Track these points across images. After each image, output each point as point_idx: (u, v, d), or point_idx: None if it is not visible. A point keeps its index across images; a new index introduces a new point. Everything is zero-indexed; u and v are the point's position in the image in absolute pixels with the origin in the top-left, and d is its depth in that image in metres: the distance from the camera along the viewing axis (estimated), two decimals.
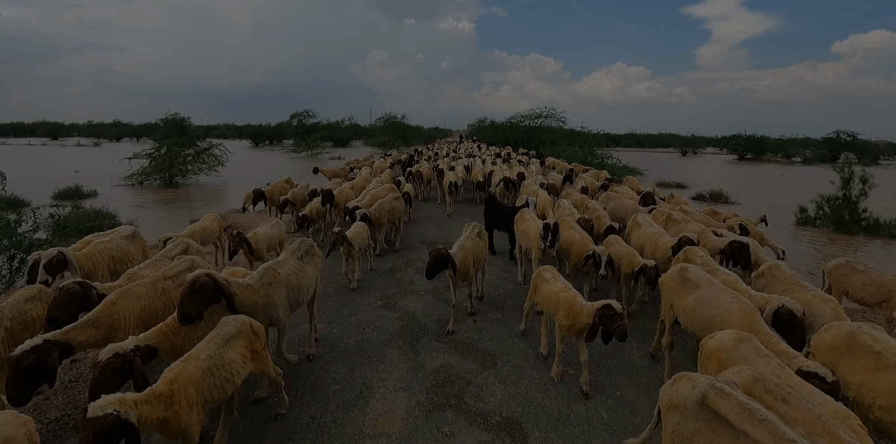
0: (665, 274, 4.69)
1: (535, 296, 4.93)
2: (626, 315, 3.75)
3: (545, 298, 4.66)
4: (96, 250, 5.22)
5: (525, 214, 7.23)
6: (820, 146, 55.42)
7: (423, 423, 3.86)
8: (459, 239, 5.79)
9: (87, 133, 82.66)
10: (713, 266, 4.96)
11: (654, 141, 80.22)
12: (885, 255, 11.80)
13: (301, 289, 4.37)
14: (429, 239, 10.00)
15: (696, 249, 5.44)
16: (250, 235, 6.58)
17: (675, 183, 24.60)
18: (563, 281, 4.66)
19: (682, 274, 4.42)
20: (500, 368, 4.76)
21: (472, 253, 5.69)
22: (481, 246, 6.02)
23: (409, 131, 54.16)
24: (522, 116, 38.54)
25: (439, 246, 5.10)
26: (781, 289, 4.62)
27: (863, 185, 14.40)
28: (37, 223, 8.96)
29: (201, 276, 3.39)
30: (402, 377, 4.54)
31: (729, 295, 3.93)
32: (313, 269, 4.80)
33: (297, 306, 4.38)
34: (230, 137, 72.76)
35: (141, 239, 5.94)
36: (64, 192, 18.18)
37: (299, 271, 4.43)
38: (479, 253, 5.87)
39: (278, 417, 3.88)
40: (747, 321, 3.63)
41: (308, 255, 4.78)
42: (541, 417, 3.97)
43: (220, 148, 26.47)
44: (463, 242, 5.70)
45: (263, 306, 3.80)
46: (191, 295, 3.31)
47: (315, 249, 4.90)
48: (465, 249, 5.59)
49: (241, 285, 3.68)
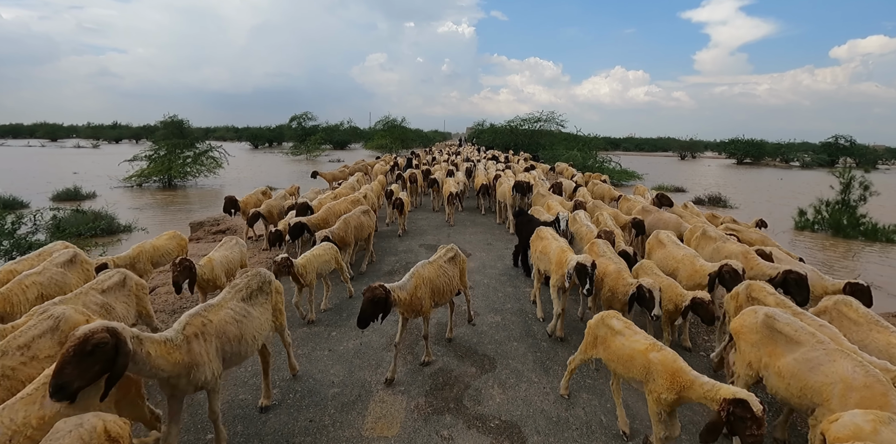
0: (741, 321, 3.71)
1: (601, 352, 3.77)
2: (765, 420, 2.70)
3: (622, 358, 3.49)
4: (19, 287, 4.11)
5: (543, 232, 6.26)
6: (818, 151, 55.64)
7: (422, 426, 3.86)
8: (419, 263, 4.78)
9: (86, 135, 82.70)
10: (795, 309, 3.98)
11: (653, 145, 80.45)
12: (884, 261, 11.82)
13: (243, 340, 3.42)
14: (428, 243, 10.00)
15: (762, 284, 4.47)
16: (203, 261, 5.46)
17: (673, 187, 24.67)
18: (645, 334, 3.56)
19: (770, 325, 3.48)
20: (499, 371, 4.75)
21: (432, 283, 4.62)
22: (450, 274, 4.94)
23: (408, 134, 54.31)
24: (522, 120, 38.68)
25: (375, 284, 4.07)
26: (857, 332, 3.84)
27: (863, 190, 14.47)
28: (36, 225, 8.95)
29: (98, 330, 2.42)
30: (401, 381, 4.54)
31: (847, 360, 3.09)
32: (266, 310, 3.83)
33: (238, 360, 3.47)
34: (229, 139, 72.91)
35: (83, 263, 4.87)
36: (63, 193, 18.19)
37: (243, 317, 3.49)
38: (444, 282, 4.78)
39: None
40: (878, 398, 2.84)
41: (260, 293, 3.81)
42: (539, 421, 3.96)
43: (219, 150, 26.52)
44: (421, 268, 4.65)
45: (186, 366, 2.92)
46: (77, 358, 2.35)
47: (271, 283, 3.95)
48: (421, 277, 4.53)
49: (156, 341, 2.76)
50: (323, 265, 5.99)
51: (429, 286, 4.56)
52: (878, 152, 59.68)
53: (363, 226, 7.86)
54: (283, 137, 66.35)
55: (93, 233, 10.51)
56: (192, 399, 4.05)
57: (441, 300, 4.80)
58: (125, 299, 4.15)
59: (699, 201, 19.99)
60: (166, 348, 2.82)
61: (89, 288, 3.89)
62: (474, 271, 7.94)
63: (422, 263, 4.76)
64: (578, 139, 33.14)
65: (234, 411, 3.96)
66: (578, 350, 4.05)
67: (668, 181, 26.86)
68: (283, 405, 4.09)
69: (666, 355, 3.25)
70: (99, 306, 3.79)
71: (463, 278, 5.38)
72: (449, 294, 4.91)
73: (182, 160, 24.70)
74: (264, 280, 3.88)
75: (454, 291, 5.05)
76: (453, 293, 5.04)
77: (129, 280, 4.27)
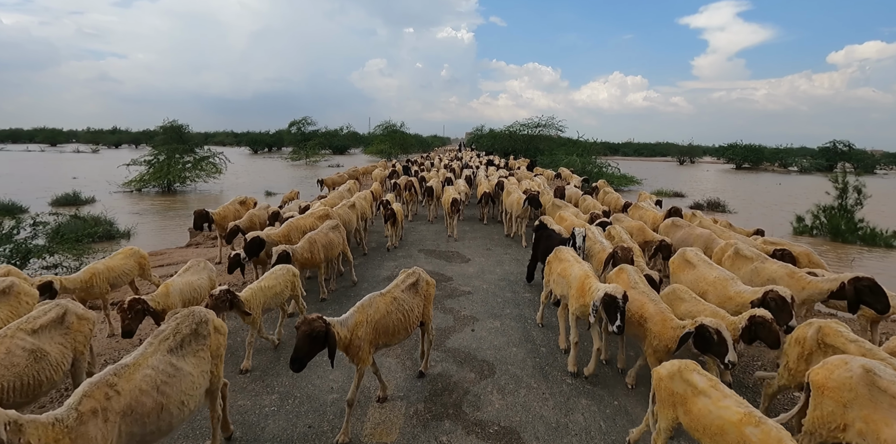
0: (827, 374, 2.95)
1: (679, 415, 2.98)
2: None
3: (709, 429, 2.75)
4: None
5: (564, 253, 5.49)
6: (816, 156, 55.81)
7: (421, 432, 3.85)
8: (369, 295, 4.00)
9: (85, 139, 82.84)
10: (877, 354, 3.27)
11: (651, 150, 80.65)
12: (884, 266, 11.84)
13: (166, 411, 2.68)
14: (427, 248, 10.00)
15: (838, 328, 3.53)
16: (158, 292, 4.55)
17: (672, 192, 24.74)
18: (737, 397, 2.82)
19: (871, 383, 2.73)
20: (499, 377, 4.75)
21: (380, 322, 3.84)
22: (408, 307, 4.14)
23: (407, 139, 54.45)
24: (522, 125, 38.79)
25: (313, 315, 3.39)
26: None
27: (857, 194, 14.52)
28: (35, 230, 8.95)
29: None
30: (400, 386, 4.53)
31: None
32: (203, 360, 3.08)
33: (158, 437, 2.70)
34: (229, 144, 73.08)
35: (20, 295, 4.13)
36: (62, 198, 18.22)
37: (169, 377, 2.76)
38: (398, 319, 4.00)
39: None
40: None
41: (195, 338, 3.06)
42: (539, 426, 3.96)
43: (219, 156, 26.58)
44: (369, 301, 3.90)
45: None
46: None
47: (209, 324, 3.18)
48: (366, 312, 3.78)
49: (41, 425, 2.12)
50: (274, 298, 4.95)
51: (374, 326, 3.77)
52: (875, 157, 59.86)
53: (332, 244, 6.88)
54: (283, 143, 66.57)
55: (91, 239, 10.50)
56: None
57: (392, 341, 4.04)
58: (62, 340, 3.43)
59: (698, 206, 20.04)
60: (54, 434, 2.14)
61: (17, 328, 3.21)
62: (473, 277, 7.94)
63: (372, 295, 3.98)
64: (577, 144, 33.22)
65: (232, 416, 3.95)
66: (655, 413, 3.23)
67: (666, 186, 26.94)
68: (281, 411, 4.09)
69: (769, 433, 2.51)
70: (27, 352, 3.13)
71: (427, 310, 4.50)
72: (405, 332, 4.13)
73: (181, 165, 24.76)
74: (199, 321, 3.12)
75: (413, 326, 4.25)
76: (412, 330, 4.26)
77: (70, 315, 3.53)
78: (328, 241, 6.81)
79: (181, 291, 4.74)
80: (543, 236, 7.11)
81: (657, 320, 4.12)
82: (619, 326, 3.98)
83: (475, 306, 6.60)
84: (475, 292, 7.18)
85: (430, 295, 4.54)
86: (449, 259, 9.06)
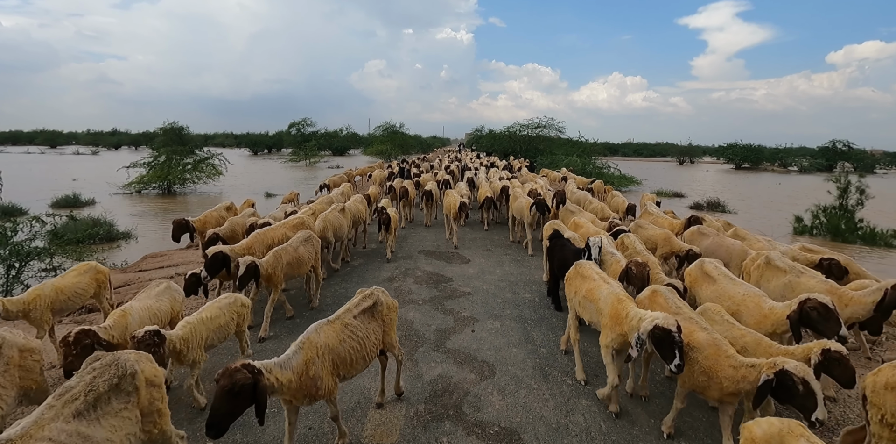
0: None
1: None
2: None
3: None
4: None
5: (586, 269, 4.72)
6: (816, 156, 55.81)
7: (422, 433, 3.85)
8: (313, 325, 3.43)
9: (85, 141, 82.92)
10: None
11: (651, 150, 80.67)
12: (884, 267, 11.84)
13: None
14: (427, 248, 10.00)
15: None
16: (113, 318, 3.88)
17: (672, 192, 24.74)
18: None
19: None
20: (499, 378, 4.74)
21: (334, 352, 3.33)
22: (362, 334, 3.60)
23: (407, 140, 54.46)
24: (522, 126, 38.84)
25: (235, 364, 2.80)
26: None
27: (860, 195, 14.53)
28: (34, 232, 8.95)
29: None
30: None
31: None
32: (127, 422, 2.48)
33: None
34: (228, 145, 73.05)
35: None
36: (62, 200, 18.23)
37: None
38: (353, 347, 3.47)
39: None
40: None
41: (115, 397, 2.47)
42: (539, 427, 3.96)
43: (219, 158, 26.61)
44: (315, 332, 3.33)
45: None
46: None
47: (135, 380, 2.58)
48: (315, 347, 3.23)
49: None
50: (218, 332, 4.08)
51: (329, 359, 3.27)
52: (875, 157, 59.89)
53: (301, 261, 6.00)
54: (283, 144, 66.65)
55: (92, 240, 10.51)
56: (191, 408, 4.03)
57: (351, 373, 3.52)
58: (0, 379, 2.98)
59: (698, 206, 20.06)
60: None
61: None
62: (473, 278, 7.94)
63: (318, 323, 3.46)
64: (577, 145, 33.25)
65: None
66: None
67: (666, 186, 26.94)
68: (281, 413, 4.07)
69: None
70: None
71: (390, 335, 3.93)
72: (364, 362, 3.60)
73: (182, 167, 24.78)
74: (122, 374, 2.51)
75: (373, 354, 3.73)
76: (372, 358, 3.73)
77: (7, 349, 3.06)
78: (295, 257, 5.92)
79: (141, 319, 4.04)
80: (557, 245, 6.39)
81: (710, 353, 3.42)
82: (679, 364, 3.26)
83: (475, 307, 6.60)
84: (475, 293, 7.17)
85: (391, 320, 3.98)
86: (449, 260, 9.06)
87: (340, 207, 8.54)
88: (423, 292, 7.20)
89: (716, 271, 4.92)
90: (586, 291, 4.43)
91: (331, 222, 7.81)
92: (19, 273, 8.02)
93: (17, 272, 8.00)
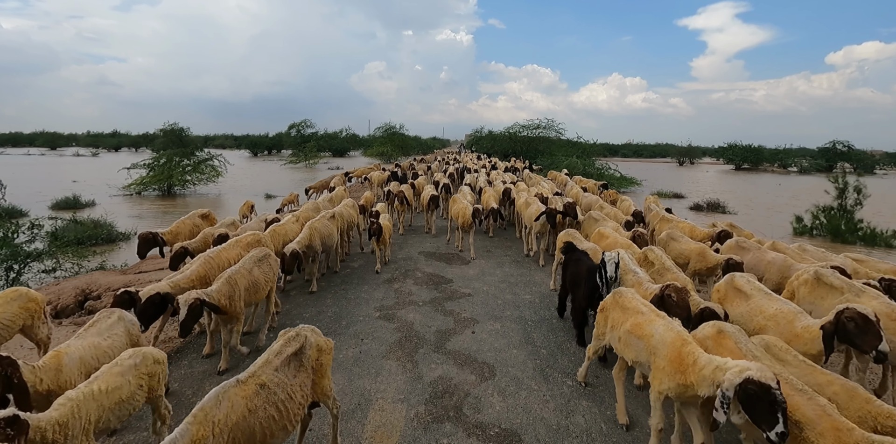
0: None
1: None
2: None
3: None
4: None
5: (628, 300, 3.91)
6: (816, 156, 55.84)
7: (422, 435, 3.85)
8: (220, 387, 2.63)
9: (85, 143, 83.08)
10: None
11: (651, 151, 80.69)
12: None
13: None
14: (427, 250, 9.99)
15: None
16: (45, 362, 3.04)
17: (672, 193, 24.75)
18: None
19: None
20: (499, 379, 4.74)
21: (245, 421, 2.57)
22: (282, 395, 2.79)
23: (407, 141, 54.49)
24: (521, 127, 38.87)
25: None
26: None
27: (857, 194, 14.54)
28: (34, 234, 8.96)
29: None
30: (401, 389, 4.52)
31: None
32: None
33: None
34: (228, 147, 73.11)
35: None
36: (62, 202, 18.24)
37: None
38: (269, 416, 2.68)
39: None
40: None
41: None
42: (539, 429, 3.95)
43: (219, 159, 26.65)
44: (212, 401, 2.52)
45: None
46: None
47: None
48: (210, 422, 2.43)
49: None
50: (116, 409, 2.89)
51: (228, 437, 2.48)
52: (875, 158, 59.90)
53: (258, 285, 5.05)
54: (283, 145, 66.74)
55: (92, 242, 10.51)
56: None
57: (268, 442, 2.71)
58: None
59: (698, 207, 20.07)
60: None
61: None
62: (474, 279, 7.94)
63: (223, 387, 2.63)
64: (577, 146, 33.27)
65: None
66: None
67: (666, 187, 26.93)
68: None
69: None
70: None
71: (321, 383, 3.17)
72: (284, 432, 2.80)
73: (182, 169, 24.82)
74: None
75: (298, 417, 2.92)
76: (297, 422, 2.93)
77: None
78: (251, 282, 4.93)
79: (81, 360, 3.19)
80: (571, 259, 5.82)
81: (825, 429, 2.51)
82: (782, 433, 2.44)
83: (475, 308, 6.60)
84: (475, 294, 7.17)
85: (323, 364, 3.18)
86: (449, 261, 9.06)
87: (330, 214, 8.05)
88: (423, 293, 7.20)
89: (748, 285, 4.39)
90: (631, 326, 3.67)
91: (318, 230, 7.20)
92: (19, 275, 8.03)
93: (17, 274, 8.00)
